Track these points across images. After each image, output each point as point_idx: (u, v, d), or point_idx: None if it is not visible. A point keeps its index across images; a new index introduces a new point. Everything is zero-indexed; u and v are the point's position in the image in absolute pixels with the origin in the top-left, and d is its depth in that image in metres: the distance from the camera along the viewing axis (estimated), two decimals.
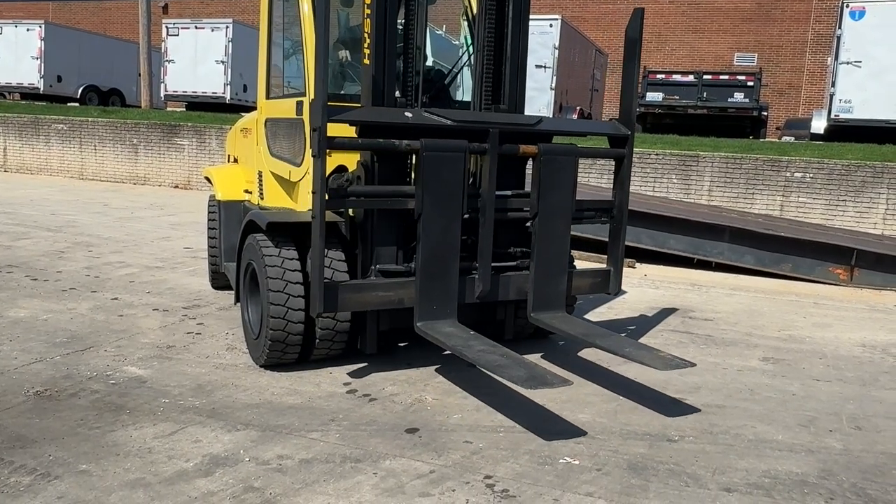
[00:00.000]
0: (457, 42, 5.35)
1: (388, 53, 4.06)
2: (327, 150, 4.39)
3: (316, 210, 3.74)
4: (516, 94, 4.48)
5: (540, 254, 4.36)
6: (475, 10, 4.93)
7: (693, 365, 3.90)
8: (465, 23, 5.09)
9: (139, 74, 20.39)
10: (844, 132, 13.45)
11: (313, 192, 3.75)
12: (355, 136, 4.06)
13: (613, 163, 4.74)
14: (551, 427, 3.66)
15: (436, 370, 4.42)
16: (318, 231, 3.76)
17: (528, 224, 4.40)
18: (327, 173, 4.43)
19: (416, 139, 3.93)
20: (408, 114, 4.00)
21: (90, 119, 14.98)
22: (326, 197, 3.78)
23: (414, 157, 4.14)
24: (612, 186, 4.79)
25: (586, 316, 5.86)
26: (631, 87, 4.58)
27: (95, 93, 23.70)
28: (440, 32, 5.70)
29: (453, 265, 4.11)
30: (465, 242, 4.24)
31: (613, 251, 4.75)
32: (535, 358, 4.72)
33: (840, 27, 13.57)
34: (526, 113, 4.61)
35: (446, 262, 4.08)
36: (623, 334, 5.38)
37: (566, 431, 3.62)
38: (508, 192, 4.41)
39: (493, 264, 4.34)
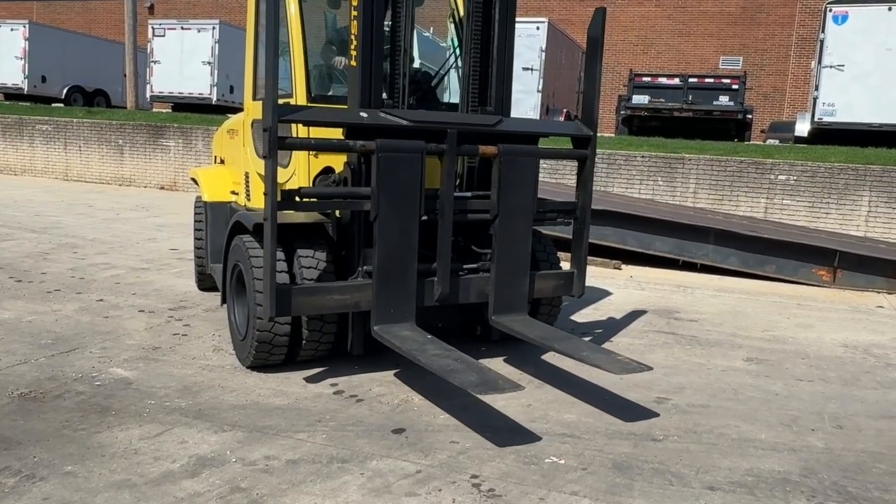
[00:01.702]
0: (444, 44, 5.37)
1: (374, 55, 4.04)
2: (315, 153, 4.41)
3: (267, 212, 3.69)
4: (502, 97, 4.45)
5: (501, 256, 4.30)
6: (461, 13, 4.95)
7: (650, 368, 3.87)
8: (453, 25, 5.11)
9: (125, 75, 20.27)
10: (828, 135, 13.59)
11: (265, 194, 3.70)
12: (321, 137, 4.02)
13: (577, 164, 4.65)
14: (537, 427, 3.68)
15: (422, 371, 4.42)
16: (269, 234, 3.71)
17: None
18: (314, 174, 4.45)
19: (373, 140, 3.87)
20: (363, 114, 3.94)
21: (75, 120, 14.89)
22: (278, 198, 3.73)
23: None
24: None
25: (572, 317, 5.89)
26: (594, 87, 4.51)
27: (80, 93, 23.52)
28: (427, 34, 5.72)
29: (411, 268, 4.06)
30: (427, 244, 4.16)
31: (577, 253, 4.69)
32: (519, 358, 4.74)
33: (823, 31, 13.71)
34: (513, 115, 4.61)
35: (403, 264, 4.03)
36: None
37: (551, 431, 3.64)
38: (468, 194, 4.37)
39: (461, 266, 4.31)
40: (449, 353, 3.79)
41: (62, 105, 21.15)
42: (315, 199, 4.01)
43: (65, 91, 23.02)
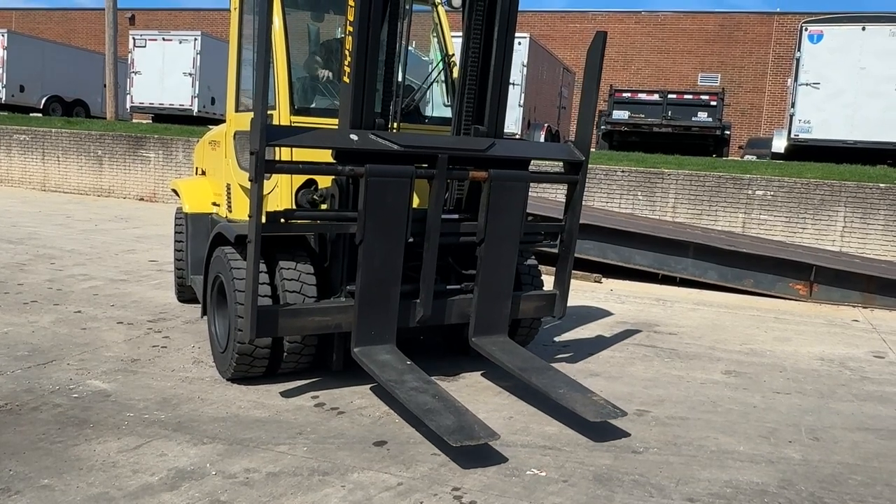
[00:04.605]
0: (426, 58, 5.40)
1: (368, 71, 3.96)
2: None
3: (251, 234, 3.65)
4: (496, 116, 4.38)
5: (484, 279, 4.30)
6: (444, 32, 4.99)
7: (624, 414, 3.85)
8: (435, 39, 5.15)
9: (104, 85, 20.15)
10: (804, 151, 13.82)
11: (250, 217, 3.66)
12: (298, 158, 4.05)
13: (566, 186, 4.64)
14: (518, 439, 3.69)
15: None
16: (252, 255, 3.67)
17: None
18: (296, 187, 4.45)
19: (362, 164, 3.83)
20: (353, 136, 3.88)
21: (53, 130, 14.75)
22: (263, 220, 3.68)
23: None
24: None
25: (553, 331, 5.92)
26: (589, 112, 4.47)
27: (59, 103, 23.32)
28: (410, 48, 5.75)
29: (394, 291, 4.04)
30: (412, 266, 4.14)
31: (560, 275, 4.69)
32: (498, 372, 4.73)
33: (799, 50, 13.98)
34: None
35: (387, 288, 4.01)
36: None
37: (532, 444, 3.65)
38: (456, 216, 4.36)
39: (444, 287, 4.31)
40: (427, 386, 3.77)
41: (40, 115, 20.94)
42: (301, 222, 3.98)
43: (43, 101, 22.80)
